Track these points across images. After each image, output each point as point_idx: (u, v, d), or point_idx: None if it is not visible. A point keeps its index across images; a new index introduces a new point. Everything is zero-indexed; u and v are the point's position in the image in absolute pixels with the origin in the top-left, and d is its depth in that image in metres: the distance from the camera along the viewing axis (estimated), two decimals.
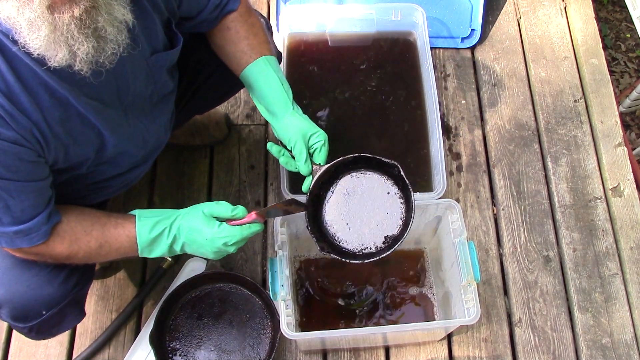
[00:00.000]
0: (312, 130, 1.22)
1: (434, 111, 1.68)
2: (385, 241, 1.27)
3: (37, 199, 1.02)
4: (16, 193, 0.98)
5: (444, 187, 1.58)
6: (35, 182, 1.00)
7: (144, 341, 1.55)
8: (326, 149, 1.24)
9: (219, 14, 1.24)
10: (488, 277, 1.72)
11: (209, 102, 1.62)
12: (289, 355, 1.59)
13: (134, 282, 1.67)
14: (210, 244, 1.11)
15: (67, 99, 0.97)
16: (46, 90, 0.94)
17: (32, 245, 1.05)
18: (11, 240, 1.04)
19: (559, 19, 2.14)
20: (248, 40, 1.26)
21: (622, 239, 1.79)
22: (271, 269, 1.32)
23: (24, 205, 1.00)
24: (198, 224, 1.11)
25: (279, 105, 1.24)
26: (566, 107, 1.99)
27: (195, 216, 1.12)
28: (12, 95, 0.90)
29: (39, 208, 1.03)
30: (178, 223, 1.12)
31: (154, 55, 1.12)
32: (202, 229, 1.10)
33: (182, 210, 1.14)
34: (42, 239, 1.05)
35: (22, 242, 1.04)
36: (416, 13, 1.85)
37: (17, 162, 0.95)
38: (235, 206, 1.13)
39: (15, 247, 1.05)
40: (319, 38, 1.91)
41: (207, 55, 1.33)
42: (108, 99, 1.06)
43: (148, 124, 1.21)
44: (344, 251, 1.28)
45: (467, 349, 1.63)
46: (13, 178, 0.96)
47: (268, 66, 1.24)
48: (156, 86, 1.19)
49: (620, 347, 1.65)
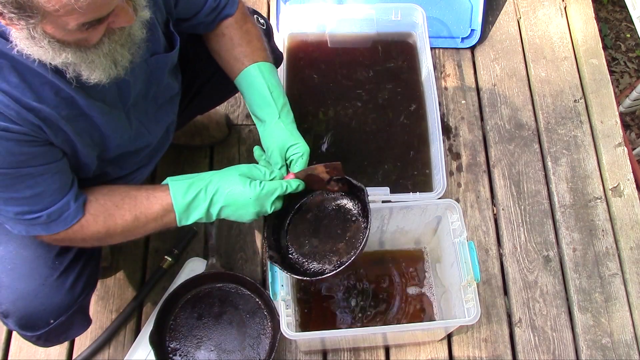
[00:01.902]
0: (292, 141, 1.21)
1: (434, 111, 1.68)
2: (335, 266, 1.22)
3: (62, 180, 1.04)
4: (41, 178, 0.99)
5: (444, 187, 1.58)
6: (56, 163, 1.02)
7: (144, 341, 1.55)
8: (303, 162, 1.20)
9: (215, 17, 1.24)
10: (488, 277, 1.72)
11: (211, 102, 1.62)
12: (289, 355, 1.59)
13: (134, 282, 1.67)
14: (253, 201, 1.11)
15: (72, 98, 0.98)
16: (51, 89, 0.95)
17: (68, 226, 1.06)
18: (47, 226, 1.05)
19: (559, 19, 2.14)
20: (242, 47, 1.26)
21: (622, 239, 1.79)
22: (271, 269, 1.32)
23: (51, 189, 1.02)
24: (237, 185, 1.10)
25: (263, 113, 1.24)
26: (566, 107, 1.99)
27: (233, 178, 1.11)
28: (17, 94, 0.91)
29: (66, 188, 1.05)
30: (215, 185, 1.11)
31: (153, 56, 1.12)
32: (244, 190, 1.10)
33: (215, 172, 1.14)
34: (75, 218, 1.06)
35: (58, 226, 1.05)
36: (416, 13, 1.85)
37: (33, 148, 0.96)
38: (271, 171, 1.15)
39: (52, 232, 1.06)
40: (319, 38, 1.91)
41: (208, 56, 1.33)
42: (110, 100, 1.07)
43: (150, 126, 1.21)
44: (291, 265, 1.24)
45: (467, 349, 1.63)
46: (34, 164, 0.97)
47: (258, 74, 1.24)
48: (159, 88, 1.19)
49: (620, 347, 1.65)
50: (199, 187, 1.11)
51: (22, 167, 0.96)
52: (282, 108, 1.24)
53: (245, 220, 1.15)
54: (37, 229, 1.05)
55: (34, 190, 1.00)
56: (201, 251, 1.71)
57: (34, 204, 1.02)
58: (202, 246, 1.72)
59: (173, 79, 1.25)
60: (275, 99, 1.23)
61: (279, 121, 1.23)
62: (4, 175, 0.96)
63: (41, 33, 0.83)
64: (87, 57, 0.89)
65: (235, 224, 1.75)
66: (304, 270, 1.23)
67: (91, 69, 0.91)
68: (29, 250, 1.16)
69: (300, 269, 1.24)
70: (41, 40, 0.84)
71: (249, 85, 1.25)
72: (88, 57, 0.90)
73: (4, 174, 0.95)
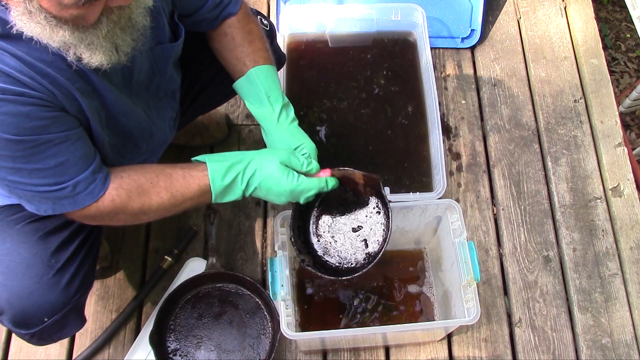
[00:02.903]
0: (297, 143, 1.22)
1: (434, 111, 1.68)
2: (366, 258, 1.26)
3: (84, 148, 1.02)
4: (63, 145, 0.98)
5: (444, 187, 1.58)
6: (75, 130, 1.00)
7: (144, 341, 1.55)
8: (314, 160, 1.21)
9: (218, 14, 1.24)
10: (488, 277, 1.72)
11: (214, 102, 1.62)
12: (289, 355, 1.59)
13: (134, 282, 1.67)
14: (288, 193, 1.14)
15: (84, 72, 0.98)
16: (63, 61, 0.94)
17: (96, 198, 1.04)
18: (74, 200, 1.03)
19: (559, 19, 2.15)
20: (243, 47, 1.26)
21: (622, 239, 1.79)
22: (271, 269, 1.32)
23: (74, 158, 1.00)
24: (276, 173, 1.12)
25: (264, 119, 1.24)
26: (566, 107, 1.99)
27: (272, 164, 1.12)
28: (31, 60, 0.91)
29: (90, 157, 1.03)
30: (253, 168, 1.12)
31: (158, 45, 1.12)
32: (281, 180, 1.12)
33: (254, 154, 1.14)
34: (102, 190, 1.04)
35: (85, 199, 1.03)
36: (416, 13, 1.85)
37: (50, 113, 0.95)
38: (309, 162, 1.16)
39: (80, 206, 1.04)
40: (319, 38, 1.91)
41: (211, 57, 1.33)
42: (118, 83, 1.07)
43: (154, 117, 1.22)
44: (326, 265, 1.27)
45: (467, 349, 1.63)
46: (53, 131, 0.96)
47: (254, 79, 1.24)
48: (162, 79, 1.20)
49: (620, 347, 1.65)
50: (237, 170, 1.12)
51: (42, 134, 0.95)
52: (281, 111, 1.24)
53: (276, 202, 1.18)
54: (65, 204, 1.04)
55: (57, 159, 0.98)
56: (201, 251, 1.71)
57: (59, 174, 1.00)
58: (202, 246, 1.72)
59: (176, 72, 1.26)
60: (272, 103, 1.23)
61: (277, 126, 1.23)
62: (25, 144, 0.94)
63: (37, 7, 0.83)
64: (85, 37, 0.89)
65: (235, 224, 1.75)
66: (336, 269, 1.26)
67: (91, 51, 0.91)
68: (26, 248, 1.15)
69: (332, 267, 1.26)
70: (37, 15, 0.84)
71: (245, 95, 1.26)
72: (87, 38, 0.89)
73: (24, 141, 0.94)
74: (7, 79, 0.89)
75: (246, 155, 1.14)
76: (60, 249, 1.19)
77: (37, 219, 1.17)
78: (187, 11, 1.21)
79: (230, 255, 1.71)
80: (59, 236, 1.18)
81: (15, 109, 0.90)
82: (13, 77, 0.89)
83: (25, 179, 0.99)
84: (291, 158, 1.14)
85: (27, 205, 1.05)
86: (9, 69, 0.89)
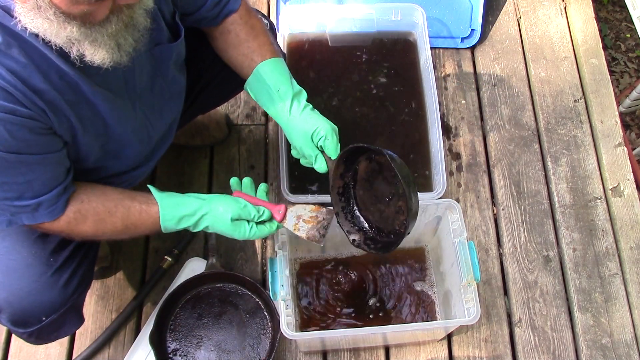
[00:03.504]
0: (313, 128, 1.22)
1: (434, 111, 1.68)
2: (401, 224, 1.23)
3: (55, 171, 1.04)
4: (36, 166, 0.99)
5: (444, 187, 1.58)
6: (53, 154, 1.02)
7: (144, 341, 1.55)
8: (331, 142, 1.21)
9: (219, 12, 1.24)
10: (488, 277, 1.72)
11: (214, 101, 1.62)
12: (289, 355, 1.59)
13: (134, 282, 1.67)
14: (241, 239, 1.18)
15: (77, 84, 0.98)
16: (57, 72, 0.95)
17: (54, 218, 1.06)
18: (32, 216, 1.05)
19: (559, 19, 2.14)
20: (248, 43, 1.26)
21: (622, 239, 1.79)
22: (271, 269, 1.32)
23: (43, 178, 1.02)
24: (229, 229, 1.16)
25: (277, 113, 1.24)
26: (566, 107, 1.99)
27: (223, 222, 1.15)
28: (25, 76, 0.91)
29: (58, 180, 1.05)
30: (204, 224, 1.16)
31: (157, 46, 1.12)
32: (233, 234, 1.17)
33: (206, 207, 1.15)
34: (61, 212, 1.07)
35: (44, 217, 1.05)
36: (416, 13, 1.85)
37: (35, 136, 0.96)
38: (258, 208, 1.18)
39: (37, 222, 1.06)
40: (319, 38, 1.91)
41: (212, 56, 1.33)
42: (116, 89, 1.07)
43: (154, 121, 1.22)
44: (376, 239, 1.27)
45: (467, 349, 1.63)
46: (32, 152, 0.97)
47: (262, 76, 1.24)
48: (165, 81, 1.19)
49: (620, 347, 1.65)
50: (188, 222, 1.15)
51: (21, 153, 0.96)
52: (292, 102, 1.23)
53: None
54: (22, 218, 1.05)
55: (26, 177, 0.99)
56: (201, 251, 1.71)
57: (24, 190, 1.01)
58: (202, 246, 1.72)
59: (179, 73, 1.25)
60: (282, 97, 1.23)
61: (290, 117, 1.23)
62: (1, 159, 0.95)
63: (47, 3, 0.83)
64: (90, 34, 0.89)
65: None
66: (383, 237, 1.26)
67: (95, 48, 0.91)
68: (24, 247, 1.15)
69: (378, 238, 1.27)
70: (47, 11, 0.84)
71: (256, 94, 1.26)
72: (92, 35, 0.89)
73: (1, 158, 0.94)
74: (2, 94, 0.89)
75: (199, 208, 1.16)
76: (58, 248, 1.19)
77: None
78: (188, 10, 1.21)
79: (230, 255, 1.71)
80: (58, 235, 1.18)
81: (4, 127, 0.91)
82: (9, 93, 0.90)
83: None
84: (242, 212, 1.16)
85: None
86: (4, 83, 0.89)
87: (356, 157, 1.25)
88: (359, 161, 1.26)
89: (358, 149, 1.22)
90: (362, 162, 1.26)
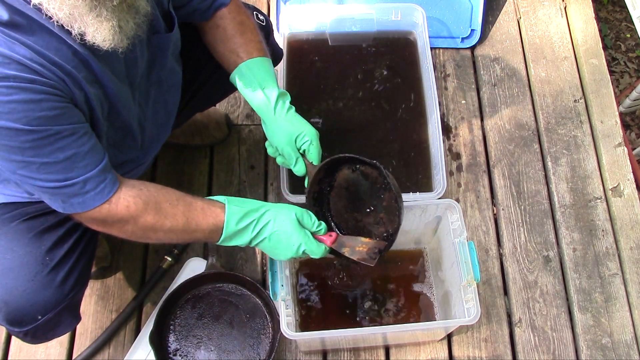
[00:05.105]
0: (298, 131, 1.23)
1: (434, 111, 1.68)
2: (385, 238, 1.26)
3: (92, 143, 1.00)
4: (70, 139, 0.96)
5: (444, 187, 1.58)
6: (83, 124, 0.99)
7: (144, 341, 1.55)
8: (316, 147, 1.23)
9: (210, 4, 1.25)
10: (488, 277, 1.72)
11: (212, 99, 1.62)
12: (289, 355, 1.59)
13: (134, 282, 1.67)
14: (295, 248, 1.15)
15: (87, 61, 0.97)
16: (69, 49, 0.94)
17: (105, 198, 1.02)
18: (83, 201, 1.01)
19: (559, 19, 2.14)
20: (235, 39, 1.26)
21: (622, 239, 1.79)
22: (271, 269, 1.32)
23: (83, 151, 0.98)
24: (289, 227, 1.14)
25: (261, 110, 1.25)
26: (566, 107, 1.99)
27: (287, 218, 1.14)
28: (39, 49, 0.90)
29: (99, 154, 1.01)
30: (267, 218, 1.14)
31: (155, 35, 1.12)
32: (293, 234, 1.14)
33: (270, 206, 1.15)
34: (111, 190, 1.03)
35: (95, 198, 1.02)
36: (416, 13, 1.85)
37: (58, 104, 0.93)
38: (320, 222, 1.18)
39: (90, 207, 1.02)
40: (318, 38, 1.91)
41: (208, 53, 1.33)
42: (118, 72, 1.07)
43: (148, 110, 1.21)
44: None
45: (467, 349, 1.63)
46: (61, 123, 0.94)
47: (247, 71, 1.24)
48: (163, 71, 1.19)
49: (620, 347, 1.65)
50: (252, 217, 1.13)
51: (51, 125, 0.93)
52: (277, 101, 1.24)
53: (280, 258, 1.19)
54: (74, 204, 1.02)
55: (65, 153, 0.96)
56: (201, 251, 1.71)
57: (67, 169, 0.98)
58: (202, 246, 1.72)
59: (177, 64, 1.25)
60: (268, 95, 1.23)
61: (275, 117, 1.24)
62: (34, 134, 0.92)
63: None
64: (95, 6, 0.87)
65: None
66: None
67: (97, 26, 0.89)
68: (20, 245, 1.15)
69: None
70: None
71: (241, 87, 1.26)
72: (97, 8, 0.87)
73: (33, 131, 0.92)
74: (19, 67, 0.88)
75: (263, 205, 1.15)
76: (55, 247, 1.18)
77: (32, 217, 1.17)
78: (179, 2, 1.22)
79: (230, 255, 1.71)
80: (54, 234, 1.18)
81: (27, 96, 0.89)
82: (24, 65, 0.88)
83: (34, 173, 0.97)
84: (304, 216, 1.16)
85: (42, 196, 1.04)
86: (19, 57, 0.88)
87: (339, 165, 1.27)
88: (340, 169, 1.28)
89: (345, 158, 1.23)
90: (344, 170, 1.27)
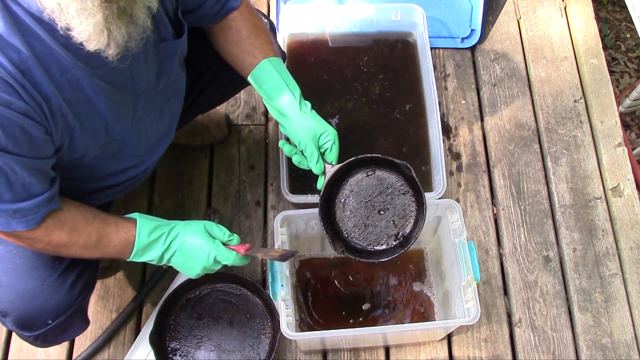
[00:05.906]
0: (321, 129, 1.24)
1: (434, 111, 1.68)
2: (397, 239, 1.28)
3: (39, 178, 0.99)
4: (19, 169, 0.94)
5: (444, 187, 1.58)
6: (40, 160, 0.97)
7: (144, 341, 1.55)
8: (337, 148, 1.25)
9: (220, 9, 1.24)
10: (488, 277, 1.72)
11: (214, 101, 1.63)
12: (289, 355, 1.59)
13: (134, 282, 1.67)
14: (205, 257, 1.15)
15: (77, 80, 0.96)
16: (58, 67, 0.93)
17: (28, 228, 1.01)
18: (7, 222, 0.99)
19: (559, 19, 2.14)
20: (250, 40, 1.26)
21: (622, 239, 1.79)
22: (271, 269, 1.32)
23: (25, 182, 0.96)
24: (198, 237, 1.15)
25: (286, 107, 1.24)
26: (566, 107, 1.99)
27: (196, 229, 1.15)
28: (25, 67, 0.89)
29: (42, 187, 1.00)
30: (177, 231, 1.15)
31: (162, 42, 1.12)
32: (202, 243, 1.15)
33: (180, 222, 1.17)
34: (37, 223, 1.01)
35: (18, 225, 1.00)
36: (416, 13, 1.85)
37: (25, 135, 0.92)
38: (231, 233, 1.19)
39: (10, 229, 1.00)
40: (319, 38, 1.91)
41: (212, 56, 1.33)
42: (120, 83, 1.05)
43: (154, 118, 1.21)
44: (358, 249, 1.29)
45: (467, 349, 1.63)
46: (18, 152, 0.92)
47: (271, 68, 1.24)
48: (169, 78, 1.19)
49: (620, 347, 1.65)
50: (162, 230, 1.14)
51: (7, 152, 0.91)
52: (301, 99, 1.25)
53: (191, 274, 1.19)
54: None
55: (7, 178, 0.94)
56: None
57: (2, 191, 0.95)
58: None
59: (182, 70, 1.25)
60: (292, 92, 1.24)
61: (302, 113, 1.24)
62: None
63: None
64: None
65: (235, 224, 1.75)
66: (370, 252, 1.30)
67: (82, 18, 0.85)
68: (29, 250, 1.15)
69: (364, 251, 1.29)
70: None
71: (264, 81, 1.25)
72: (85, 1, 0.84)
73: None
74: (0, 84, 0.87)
75: (174, 222, 1.17)
76: None
77: None
78: (190, 7, 1.21)
79: None
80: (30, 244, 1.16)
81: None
82: (6, 82, 0.87)
83: None
84: (213, 227, 1.17)
85: None
86: (4, 73, 0.87)
87: (353, 167, 1.27)
88: (353, 173, 1.30)
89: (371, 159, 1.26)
90: (358, 174, 1.29)
